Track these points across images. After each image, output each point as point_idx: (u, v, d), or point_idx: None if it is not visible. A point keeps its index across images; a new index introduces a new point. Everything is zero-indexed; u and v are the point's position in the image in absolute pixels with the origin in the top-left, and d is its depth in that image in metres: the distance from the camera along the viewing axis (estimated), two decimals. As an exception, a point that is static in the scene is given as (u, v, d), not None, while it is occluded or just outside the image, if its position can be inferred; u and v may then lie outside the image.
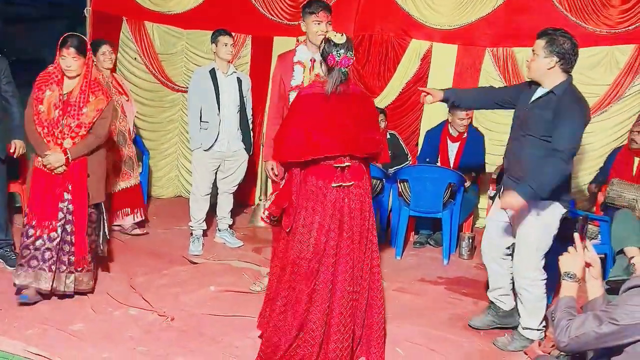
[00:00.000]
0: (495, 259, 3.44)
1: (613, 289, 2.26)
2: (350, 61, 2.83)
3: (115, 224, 4.97)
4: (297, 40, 3.64)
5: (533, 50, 3.10)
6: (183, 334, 3.31)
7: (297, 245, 2.83)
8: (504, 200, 3.06)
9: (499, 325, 3.50)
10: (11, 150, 4.19)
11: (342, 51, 2.78)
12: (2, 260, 4.20)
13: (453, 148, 5.16)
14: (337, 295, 2.83)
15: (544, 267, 3.28)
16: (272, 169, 3.58)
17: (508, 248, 3.40)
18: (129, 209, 5.02)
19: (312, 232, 2.81)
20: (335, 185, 2.82)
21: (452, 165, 5.12)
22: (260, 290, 3.81)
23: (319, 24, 3.46)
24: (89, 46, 3.65)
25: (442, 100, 3.49)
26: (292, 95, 3.50)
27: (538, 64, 3.07)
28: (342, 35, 2.84)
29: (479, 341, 3.41)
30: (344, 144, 2.82)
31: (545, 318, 3.24)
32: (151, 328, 3.36)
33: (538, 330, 3.29)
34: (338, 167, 2.83)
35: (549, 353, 3.04)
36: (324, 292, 2.82)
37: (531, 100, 3.16)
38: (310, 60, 3.54)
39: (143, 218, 5.16)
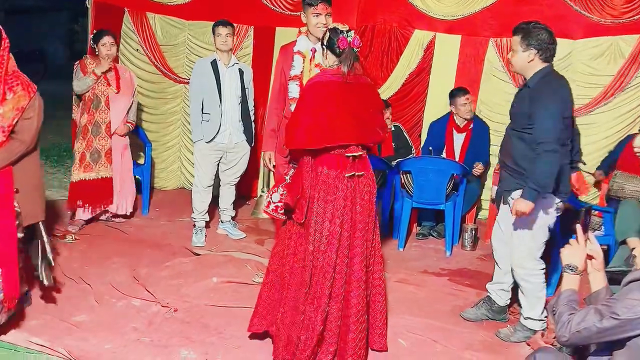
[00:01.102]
0: (503, 257, 3.46)
1: (610, 279, 2.24)
2: (361, 42, 2.88)
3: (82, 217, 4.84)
4: (300, 31, 3.63)
5: (512, 47, 3.18)
6: (186, 325, 3.32)
7: (312, 237, 2.81)
8: (515, 209, 3.09)
9: (490, 319, 3.53)
10: None
11: (351, 33, 2.83)
12: None
13: (459, 139, 5.15)
14: (353, 284, 2.83)
15: (547, 260, 3.28)
16: (270, 159, 3.59)
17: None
18: (82, 202, 4.77)
19: (325, 224, 2.79)
20: (348, 175, 2.81)
21: (457, 156, 5.10)
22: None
23: (317, 16, 3.45)
24: (4, 34, 2.94)
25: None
26: (291, 85, 3.53)
27: (518, 59, 3.14)
28: (344, 25, 2.90)
29: (482, 332, 3.41)
30: (357, 133, 2.83)
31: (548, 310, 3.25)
32: (154, 319, 3.37)
33: (540, 320, 3.30)
34: (350, 156, 2.82)
35: (552, 344, 3.04)
36: (340, 283, 2.81)
37: (514, 97, 3.30)
38: (311, 50, 3.53)
39: (110, 214, 5.02)
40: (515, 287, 3.44)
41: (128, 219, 5.13)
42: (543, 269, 3.28)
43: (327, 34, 2.90)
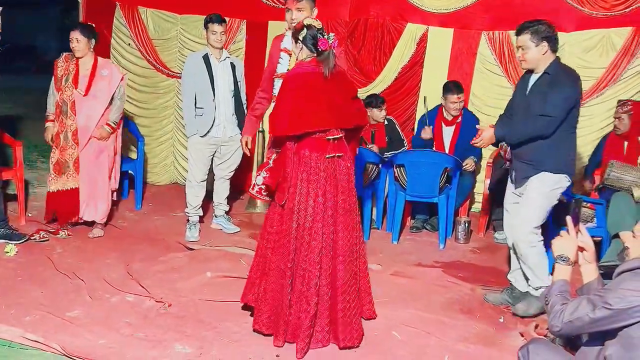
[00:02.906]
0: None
1: (604, 273, 2.26)
2: (336, 40, 3.05)
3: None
4: (286, 27, 3.63)
5: (520, 47, 3.38)
6: (180, 319, 3.32)
7: (296, 216, 2.95)
8: (483, 137, 3.47)
9: (511, 304, 3.64)
10: None
11: (331, 35, 3.02)
12: (7, 240, 4.26)
13: (448, 132, 5.16)
14: (339, 258, 3.01)
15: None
16: (247, 143, 3.86)
17: None
18: (56, 213, 4.61)
19: (310, 202, 2.95)
20: (329, 156, 2.99)
21: (447, 150, 5.11)
22: None
23: (288, 11, 3.53)
24: None
25: (495, 142, 3.64)
26: (277, 83, 3.63)
27: (532, 54, 3.35)
28: (317, 20, 3.07)
29: (475, 324, 3.43)
30: (335, 117, 3.01)
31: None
32: (148, 314, 3.37)
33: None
34: (330, 139, 3.00)
35: (545, 335, 3.06)
36: (327, 258, 2.99)
37: (529, 88, 3.43)
38: (297, 46, 3.54)
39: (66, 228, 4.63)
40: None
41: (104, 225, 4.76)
42: (542, 240, 3.45)
43: (304, 31, 3.02)
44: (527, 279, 3.54)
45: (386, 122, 5.36)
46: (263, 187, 3.08)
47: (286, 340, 3.00)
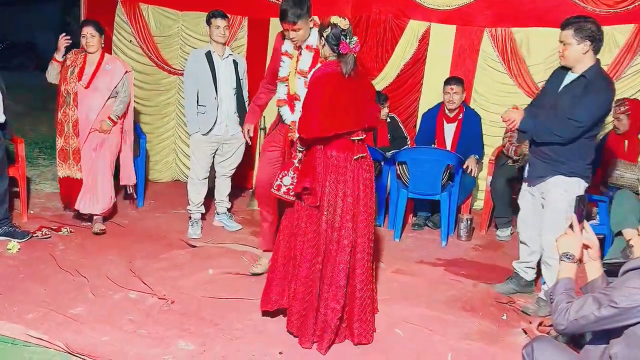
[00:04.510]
0: (529, 238, 3.67)
1: (608, 271, 2.26)
2: (358, 46, 3.05)
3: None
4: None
5: (562, 41, 3.29)
6: (183, 316, 3.32)
7: (325, 217, 2.99)
8: (510, 112, 3.41)
9: (519, 292, 3.77)
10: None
11: (354, 39, 3.01)
12: (9, 237, 4.27)
13: (449, 129, 5.15)
14: (358, 255, 3.05)
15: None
16: (249, 131, 3.93)
17: (541, 229, 3.56)
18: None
19: (339, 202, 3.00)
20: (356, 157, 3.03)
21: (449, 147, 5.10)
22: (262, 272, 3.82)
23: (287, 31, 3.51)
24: None
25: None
26: (280, 87, 3.66)
27: (573, 51, 3.26)
28: (345, 19, 3.02)
29: (478, 321, 3.43)
30: (360, 119, 3.07)
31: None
32: (151, 311, 3.37)
33: None
34: (355, 140, 3.04)
35: (548, 333, 3.06)
36: (350, 257, 3.03)
37: (563, 86, 3.38)
38: (298, 50, 3.59)
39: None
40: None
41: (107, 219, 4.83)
42: None
43: (329, 29, 3.00)
44: (543, 282, 3.58)
45: (388, 120, 5.35)
46: (291, 187, 3.07)
47: (313, 340, 3.02)
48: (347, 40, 2.96)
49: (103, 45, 4.63)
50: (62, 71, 4.55)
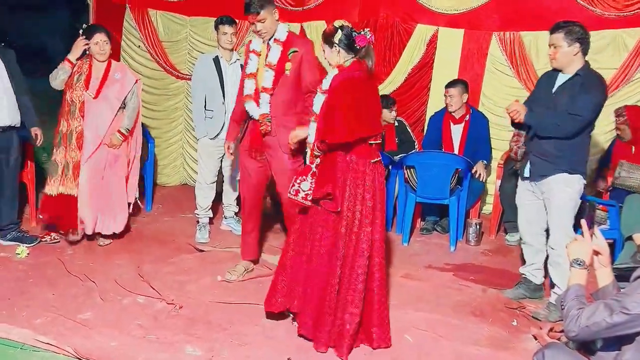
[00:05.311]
0: (534, 236, 3.70)
1: (619, 276, 2.23)
2: (372, 35, 3.10)
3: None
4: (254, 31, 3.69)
5: (553, 45, 3.42)
6: (191, 321, 3.32)
7: (345, 221, 2.98)
8: (515, 104, 3.51)
9: (529, 297, 3.76)
10: (38, 142, 4.47)
11: (366, 30, 3.06)
12: (18, 242, 4.30)
13: (457, 131, 5.13)
14: (375, 259, 3.06)
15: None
16: (229, 147, 3.89)
17: (544, 228, 3.65)
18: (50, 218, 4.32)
19: (357, 206, 2.99)
20: (373, 161, 3.05)
21: (457, 149, 5.08)
22: (236, 279, 3.90)
23: (252, 24, 3.59)
24: None
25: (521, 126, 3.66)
26: (248, 82, 3.68)
27: (564, 53, 3.39)
28: (344, 20, 3.16)
29: (488, 327, 3.40)
30: (378, 122, 3.13)
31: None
32: (159, 316, 3.37)
33: None
34: (372, 143, 3.07)
35: (559, 339, 3.04)
36: (365, 261, 3.03)
37: (557, 87, 3.49)
38: (267, 46, 3.64)
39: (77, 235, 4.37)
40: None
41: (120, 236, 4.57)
42: None
43: (339, 33, 3.03)
44: (552, 286, 3.57)
45: (396, 124, 5.35)
46: (309, 192, 3.05)
47: (329, 345, 3.01)
48: (363, 33, 3.01)
49: (111, 52, 4.38)
50: (67, 78, 4.28)
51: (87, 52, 4.28)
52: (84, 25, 4.34)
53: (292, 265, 3.17)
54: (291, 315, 3.27)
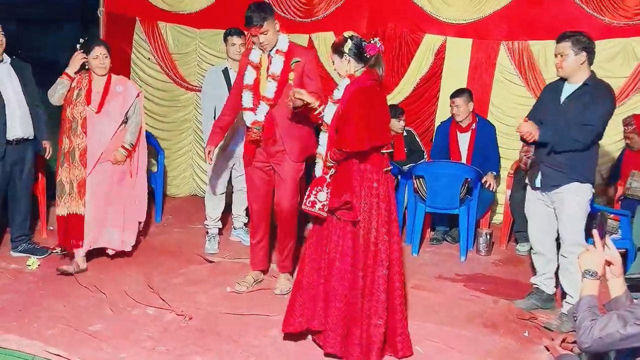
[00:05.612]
0: (544, 246, 3.70)
1: (631, 286, 2.21)
2: (382, 44, 3.11)
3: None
4: (253, 42, 3.72)
5: (559, 54, 3.45)
6: (201, 333, 3.32)
7: (362, 231, 2.97)
8: (525, 125, 3.49)
9: (540, 308, 3.74)
10: (47, 155, 4.48)
11: (376, 39, 3.08)
12: (29, 254, 4.32)
13: (464, 139, 5.11)
14: (395, 268, 3.06)
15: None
16: (210, 153, 3.91)
17: (554, 237, 3.66)
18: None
19: (373, 215, 2.99)
20: (386, 170, 3.07)
21: (465, 157, 5.07)
22: (245, 291, 3.90)
23: (255, 37, 3.59)
24: None
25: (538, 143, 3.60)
26: (246, 94, 3.69)
27: (571, 62, 3.41)
28: (351, 31, 3.13)
29: (499, 339, 3.37)
30: (389, 131, 3.19)
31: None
32: (169, 327, 3.37)
33: None
34: (385, 153, 3.08)
35: (571, 350, 3.00)
36: (385, 270, 3.03)
37: (565, 97, 3.50)
38: (268, 57, 3.65)
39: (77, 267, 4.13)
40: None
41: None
42: None
43: (348, 42, 3.04)
44: (564, 296, 3.57)
45: (405, 134, 5.34)
46: (326, 203, 3.01)
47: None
48: (372, 42, 3.03)
49: (111, 65, 4.22)
50: (66, 93, 4.13)
51: (86, 66, 4.15)
52: (81, 40, 4.21)
53: (309, 282, 3.11)
54: (310, 335, 3.19)
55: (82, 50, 4.13)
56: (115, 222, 4.24)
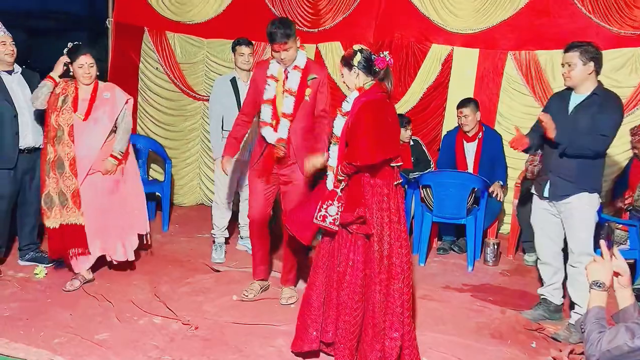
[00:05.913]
0: (552, 256, 3.70)
1: (638, 296, 2.19)
2: (391, 58, 3.11)
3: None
4: (271, 55, 3.69)
5: (567, 63, 3.45)
6: (207, 342, 3.32)
7: (376, 246, 2.96)
8: (547, 116, 3.39)
9: (548, 319, 3.73)
10: None
11: (385, 52, 3.07)
12: (36, 263, 4.34)
13: (470, 148, 5.10)
14: (406, 282, 3.03)
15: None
16: (227, 163, 3.92)
17: (562, 247, 3.66)
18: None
19: (385, 229, 2.98)
20: (396, 183, 3.06)
21: (471, 167, 5.06)
22: (254, 298, 3.91)
23: (277, 52, 3.58)
24: None
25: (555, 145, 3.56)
26: (265, 109, 3.69)
27: (579, 72, 3.42)
28: (361, 44, 3.18)
29: (506, 349, 3.35)
30: (398, 144, 3.18)
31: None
32: (175, 336, 3.37)
33: None
34: (395, 166, 3.07)
35: (579, 362, 2.98)
36: (400, 283, 3.02)
37: (573, 107, 3.50)
38: (284, 72, 3.65)
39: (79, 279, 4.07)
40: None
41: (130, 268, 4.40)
42: None
43: (358, 55, 3.04)
44: (572, 306, 3.55)
45: (412, 143, 5.34)
46: (337, 217, 2.99)
47: None
48: (381, 55, 3.03)
49: (97, 74, 4.08)
50: (49, 100, 3.98)
51: (70, 72, 4.02)
52: (69, 44, 4.07)
53: (318, 298, 3.08)
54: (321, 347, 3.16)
55: (68, 55, 4.02)
56: (113, 233, 4.13)
